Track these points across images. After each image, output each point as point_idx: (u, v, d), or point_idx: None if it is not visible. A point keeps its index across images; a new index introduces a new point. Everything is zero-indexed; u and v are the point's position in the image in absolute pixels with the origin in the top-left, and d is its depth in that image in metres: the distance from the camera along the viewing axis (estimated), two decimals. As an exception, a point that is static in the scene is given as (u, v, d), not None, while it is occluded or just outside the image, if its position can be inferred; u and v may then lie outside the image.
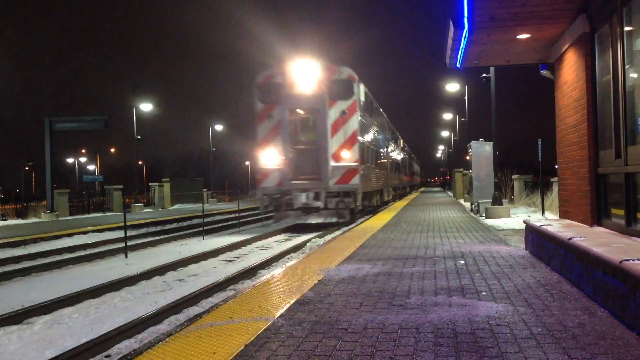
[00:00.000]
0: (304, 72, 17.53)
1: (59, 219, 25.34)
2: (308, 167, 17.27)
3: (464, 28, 7.49)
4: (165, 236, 16.61)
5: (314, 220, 17.27)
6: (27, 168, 75.16)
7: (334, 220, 17.22)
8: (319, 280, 6.08)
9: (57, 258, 12.32)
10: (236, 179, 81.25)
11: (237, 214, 21.07)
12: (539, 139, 15.34)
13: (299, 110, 17.67)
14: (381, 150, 26.69)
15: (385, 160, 28.68)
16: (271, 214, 18.24)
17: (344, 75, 17.84)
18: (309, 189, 16.87)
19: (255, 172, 19.36)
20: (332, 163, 17.08)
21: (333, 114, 17.35)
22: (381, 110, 28.01)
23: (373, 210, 23.39)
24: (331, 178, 16.96)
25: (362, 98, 19.49)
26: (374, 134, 23.26)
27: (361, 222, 15.99)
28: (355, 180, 17.17)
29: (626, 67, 6.13)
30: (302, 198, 16.81)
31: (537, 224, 7.42)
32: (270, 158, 17.23)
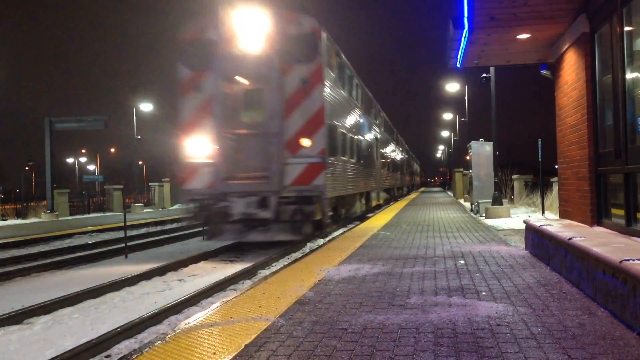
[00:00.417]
0: (248, 24, 12.30)
1: (59, 219, 25.34)
2: (252, 160, 12.37)
3: (464, 28, 7.50)
4: (166, 236, 16.60)
5: (259, 237, 12.11)
6: (27, 168, 75.19)
7: (289, 237, 12.11)
8: (319, 280, 6.08)
9: (58, 258, 12.31)
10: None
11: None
12: (539, 139, 15.36)
13: (239, 79, 12.56)
14: (365, 139, 20.68)
15: (372, 154, 22.94)
16: (201, 228, 13.16)
17: (304, 28, 12.38)
18: (253, 193, 11.89)
19: (177, 168, 13.51)
20: (287, 155, 12.02)
21: (289, 83, 12.15)
22: (364, 87, 21.58)
23: (359, 218, 18.98)
24: (285, 177, 11.94)
25: (333, 62, 14.04)
26: (352, 116, 17.48)
27: (357, 225, 15.93)
28: (320, 179, 12.04)
29: (626, 67, 6.13)
30: (242, 206, 11.83)
31: (537, 224, 7.42)
32: (197, 148, 12.30)
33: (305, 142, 12.14)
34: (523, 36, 8.31)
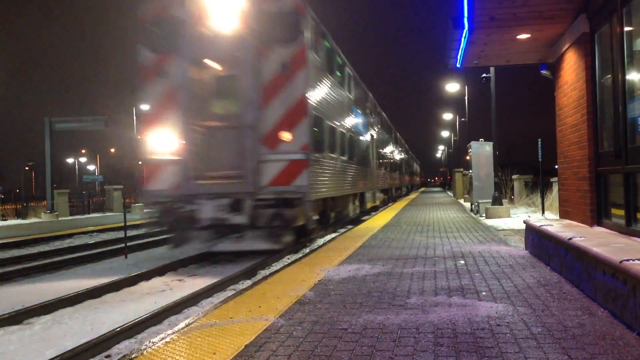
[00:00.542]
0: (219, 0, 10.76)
1: (59, 219, 25.34)
2: (224, 157, 10.93)
3: (464, 28, 7.51)
4: (166, 236, 16.56)
5: (231, 246, 10.61)
6: (27, 168, 75.27)
7: (266, 246, 10.51)
8: (319, 280, 6.08)
9: (58, 258, 12.31)
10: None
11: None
12: (539, 139, 15.36)
13: (210, 63, 11.06)
14: (359, 136, 19.04)
15: (367, 152, 21.22)
16: (168, 235, 11.52)
17: (285, 5, 10.88)
18: (225, 194, 10.40)
19: (138, 166, 11.94)
20: (265, 150, 10.49)
21: (267, 68, 10.60)
22: (358, 79, 19.71)
23: (353, 221, 17.66)
24: (262, 176, 10.42)
25: (319, 45, 12.42)
26: (342, 109, 15.72)
27: (356, 226, 15.92)
28: (303, 178, 10.48)
29: (626, 67, 6.14)
30: (212, 209, 10.35)
31: (537, 224, 7.42)
32: (161, 143, 10.75)
33: (286, 135, 10.53)
34: (523, 36, 8.31)
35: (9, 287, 9.35)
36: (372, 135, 22.90)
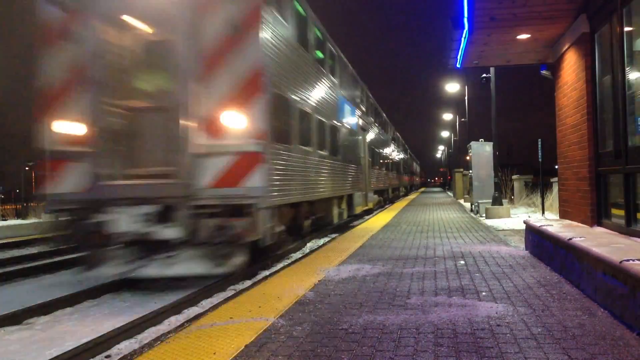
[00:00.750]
0: None
1: (59, 219, 25.32)
2: (150, 149, 8.34)
3: (464, 28, 7.52)
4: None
5: (157, 271, 7.87)
6: (27, 168, 75.25)
7: (206, 270, 7.85)
8: (319, 281, 6.08)
9: (58, 258, 12.31)
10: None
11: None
12: (539, 139, 15.37)
13: (133, 22, 8.31)
14: (345, 127, 16.10)
15: (357, 148, 18.59)
16: (80, 253, 8.79)
17: None
18: (150, 200, 7.75)
19: (37, 160, 8.68)
20: (205, 140, 7.85)
21: (210, 29, 7.97)
22: (345, 60, 16.76)
23: (342, 227, 15.77)
24: (202, 174, 7.77)
25: (283, 4, 9.87)
26: (320, 92, 12.69)
27: (356, 226, 15.90)
28: (257, 178, 7.75)
29: (626, 67, 6.14)
30: (131, 220, 7.71)
31: (537, 224, 7.42)
32: (65, 130, 8.23)
33: (234, 119, 7.86)
34: (523, 36, 8.32)
35: (9, 287, 9.36)
36: (363, 129, 20.20)
